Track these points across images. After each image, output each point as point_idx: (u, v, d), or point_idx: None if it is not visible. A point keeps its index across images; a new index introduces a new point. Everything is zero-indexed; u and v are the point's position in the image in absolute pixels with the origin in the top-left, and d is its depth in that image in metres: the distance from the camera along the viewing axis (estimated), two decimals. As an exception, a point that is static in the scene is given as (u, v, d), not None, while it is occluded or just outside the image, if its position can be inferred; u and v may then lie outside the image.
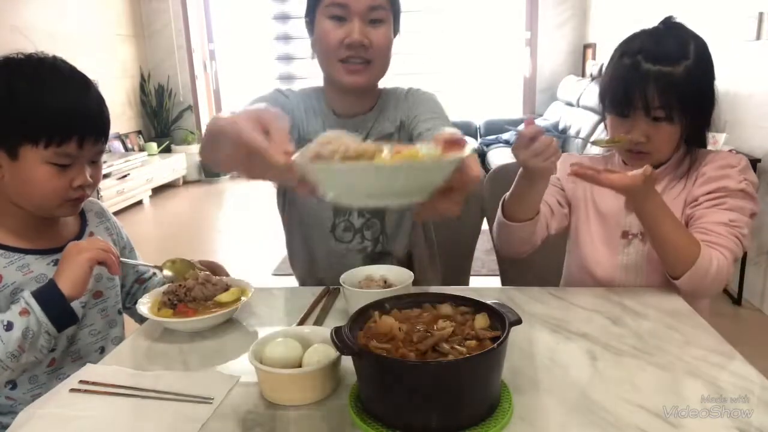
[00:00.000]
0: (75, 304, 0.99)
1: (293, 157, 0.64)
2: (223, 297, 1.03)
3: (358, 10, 1.12)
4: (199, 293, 1.03)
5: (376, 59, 1.16)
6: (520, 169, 1.09)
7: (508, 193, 1.16)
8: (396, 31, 1.22)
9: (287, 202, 1.35)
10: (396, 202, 0.62)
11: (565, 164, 1.28)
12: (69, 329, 1.02)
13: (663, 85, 1.06)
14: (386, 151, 0.62)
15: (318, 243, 1.31)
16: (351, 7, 1.12)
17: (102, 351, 1.12)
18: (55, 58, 1.02)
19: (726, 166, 1.13)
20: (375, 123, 1.27)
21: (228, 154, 0.75)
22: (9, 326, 0.91)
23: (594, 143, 1.11)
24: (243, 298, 1.04)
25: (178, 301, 1.02)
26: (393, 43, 1.20)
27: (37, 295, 0.94)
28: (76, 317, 0.99)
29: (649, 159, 1.12)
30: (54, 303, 0.94)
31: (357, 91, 1.21)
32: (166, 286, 1.07)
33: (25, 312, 0.93)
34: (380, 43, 1.15)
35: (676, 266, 1.06)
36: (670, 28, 1.13)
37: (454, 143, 0.63)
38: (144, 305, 1.02)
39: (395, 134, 1.26)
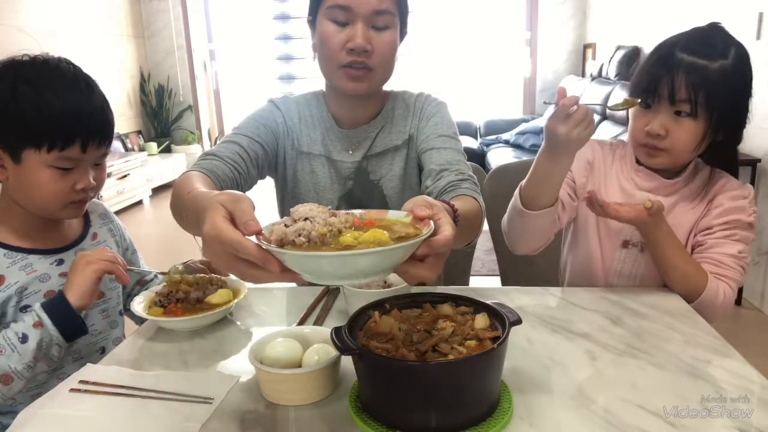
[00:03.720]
0: None
1: (258, 241, 0.63)
2: (214, 298, 1.03)
3: (362, 13, 1.05)
4: (192, 295, 1.04)
5: (378, 66, 1.10)
6: (542, 151, 1.02)
7: (524, 181, 1.09)
8: (403, 34, 1.16)
9: (286, 206, 1.33)
10: (363, 281, 0.64)
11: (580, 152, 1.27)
12: None
13: (693, 77, 1.02)
14: (357, 216, 0.67)
15: None
16: (354, 9, 1.05)
17: (103, 351, 1.13)
18: (60, 59, 1.01)
19: (739, 197, 1.12)
20: (380, 133, 1.23)
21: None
22: (24, 338, 0.94)
23: (611, 108, 1.06)
24: (235, 300, 1.04)
25: (168, 302, 1.03)
26: (398, 48, 1.14)
27: (47, 308, 0.95)
28: (85, 329, 1.00)
29: (663, 157, 1.09)
30: (64, 316, 0.96)
31: (358, 97, 1.17)
32: (161, 286, 1.08)
33: (38, 325, 0.94)
34: (384, 50, 1.09)
35: (683, 294, 1.07)
36: (714, 29, 1.09)
37: (424, 218, 0.67)
38: (139, 304, 1.03)
39: (403, 148, 1.23)
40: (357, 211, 0.73)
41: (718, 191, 1.14)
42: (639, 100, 1.06)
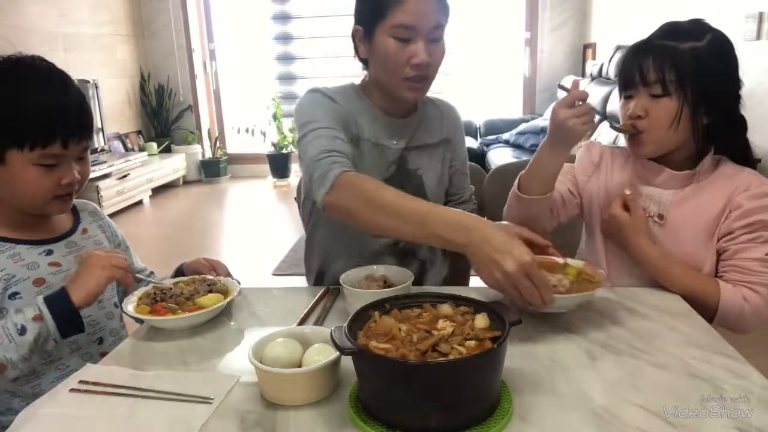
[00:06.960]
0: None
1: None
2: (203, 300, 1.04)
3: (424, 32, 1.13)
4: (183, 293, 1.05)
5: (432, 75, 1.20)
6: (544, 140, 1.11)
7: (525, 170, 1.17)
8: None
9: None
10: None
11: (585, 152, 1.29)
12: None
13: (661, 58, 1.07)
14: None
15: (350, 237, 1.28)
16: (418, 28, 1.13)
17: (100, 342, 1.13)
18: (33, 57, 1.02)
19: (761, 195, 1.08)
20: (418, 129, 1.31)
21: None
22: (23, 330, 0.94)
23: (618, 129, 1.17)
24: (226, 300, 1.04)
25: (154, 301, 1.04)
26: None
27: (49, 302, 0.96)
28: (82, 328, 1.00)
29: (645, 143, 1.12)
30: (64, 313, 0.96)
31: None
32: (151, 286, 1.09)
33: (37, 318, 0.95)
34: (438, 60, 1.19)
35: (701, 311, 1.05)
36: (693, 21, 1.13)
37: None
38: (131, 303, 1.04)
39: (439, 146, 1.33)
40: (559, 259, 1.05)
41: (737, 191, 1.10)
42: (629, 113, 1.12)
